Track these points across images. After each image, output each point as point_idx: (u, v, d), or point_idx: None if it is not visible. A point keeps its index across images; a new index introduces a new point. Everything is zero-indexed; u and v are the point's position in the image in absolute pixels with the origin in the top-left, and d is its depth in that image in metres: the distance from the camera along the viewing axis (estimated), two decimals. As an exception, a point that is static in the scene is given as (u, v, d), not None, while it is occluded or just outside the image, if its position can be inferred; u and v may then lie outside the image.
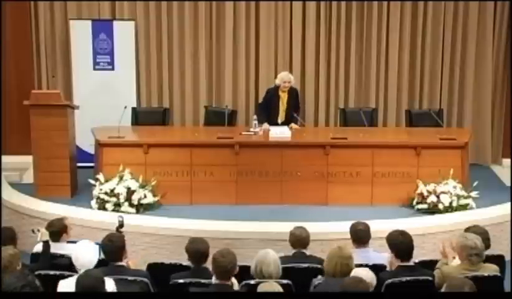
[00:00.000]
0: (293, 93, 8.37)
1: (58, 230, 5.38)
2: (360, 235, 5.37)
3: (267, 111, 8.33)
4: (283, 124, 8.24)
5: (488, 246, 5.14)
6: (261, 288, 4.33)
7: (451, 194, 7.21)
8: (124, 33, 9.00)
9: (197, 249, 4.95)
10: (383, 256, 5.22)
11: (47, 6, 9.17)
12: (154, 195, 7.37)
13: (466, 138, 7.79)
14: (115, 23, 9.05)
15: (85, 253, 4.69)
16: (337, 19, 9.21)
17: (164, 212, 7.28)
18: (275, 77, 8.53)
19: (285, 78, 8.25)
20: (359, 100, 9.35)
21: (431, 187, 7.29)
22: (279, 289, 4.32)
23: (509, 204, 7.22)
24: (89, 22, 8.98)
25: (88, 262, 4.64)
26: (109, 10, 9.20)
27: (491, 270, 4.92)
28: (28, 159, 7.96)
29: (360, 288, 4.12)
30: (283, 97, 8.28)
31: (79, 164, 8.09)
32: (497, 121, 9.48)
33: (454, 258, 5.10)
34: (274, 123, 8.23)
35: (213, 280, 4.51)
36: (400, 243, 4.93)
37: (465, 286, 4.12)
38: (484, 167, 9.21)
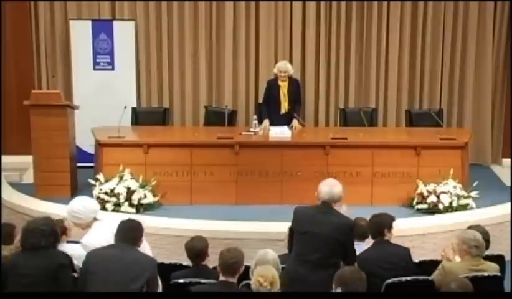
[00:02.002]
0: (293, 84, 8.35)
1: None
2: (360, 231, 5.44)
3: (269, 105, 8.30)
4: (286, 114, 8.22)
5: (486, 247, 5.16)
6: (258, 271, 4.34)
7: (451, 194, 7.21)
8: (124, 33, 9.00)
9: (194, 246, 5.04)
10: None
11: (47, 6, 9.17)
12: (154, 195, 7.37)
13: (466, 138, 7.79)
14: (115, 23, 9.05)
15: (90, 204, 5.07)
16: (337, 19, 9.22)
17: (164, 212, 7.28)
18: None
19: (281, 68, 8.22)
20: (359, 100, 9.35)
21: (431, 187, 7.29)
22: (274, 273, 4.34)
23: (509, 204, 7.22)
24: (89, 22, 8.98)
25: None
26: (109, 10, 9.20)
27: (492, 268, 4.94)
28: (28, 159, 7.96)
29: (358, 280, 4.16)
30: (283, 86, 8.23)
31: (79, 164, 8.10)
32: (497, 121, 9.49)
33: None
34: (277, 114, 8.20)
35: (220, 277, 4.53)
36: (373, 224, 5.17)
37: (452, 282, 4.20)
38: (484, 167, 9.21)
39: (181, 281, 4.80)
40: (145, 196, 7.28)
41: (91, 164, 8.19)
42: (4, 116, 9.00)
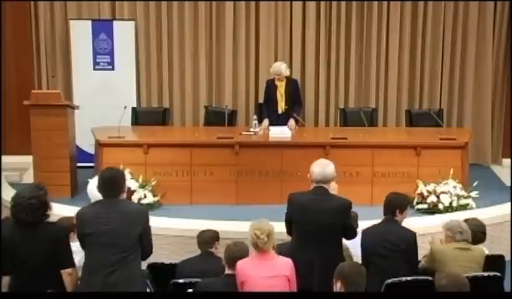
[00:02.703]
0: (292, 84, 8.34)
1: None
2: None
3: (267, 105, 8.33)
4: (283, 114, 8.21)
5: (482, 239, 5.29)
6: (252, 226, 4.44)
7: (451, 194, 7.21)
8: (124, 33, 9.00)
9: (204, 234, 5.33)
10: None
11: (47, 6, 9.18)
12: (154, 195, 7.37)
13: (466, 138, 7.79)
14: (115, 23, 9.05)
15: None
16: (337, 19, 9.22)
17: (164, 212, 7.28)
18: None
19: (274, 71, 8.22)
20: (359, 100, 9.35)
21: (431, 187, 7.29)
22: (271, 226, 4.45)
23: (509, 204, 7.22)
24: (89, 22, 8.98)
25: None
26: (109, 10, 9.20)
27: (478, 250, 5.07)
28: (28, 159, 7.96)
29: (357, 274, 4.21)
30: (280, 86, 8.23)
31: (79, 164, 8.10)
32: (497, 121, 9.49)
33: None
34: (275, 114, 8.21)
35: (226, 270, 4.59)
36: (387, 201, 5.25)
37: (442, 279, 4.26)
38: (484, 167, 9.21)
39: (181, 281, 4.81)
40: (145, 196, 7.28)
41: (91, 164, 8.19)
42: (4, 116, 9.00)
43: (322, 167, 4.99)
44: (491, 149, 9.45)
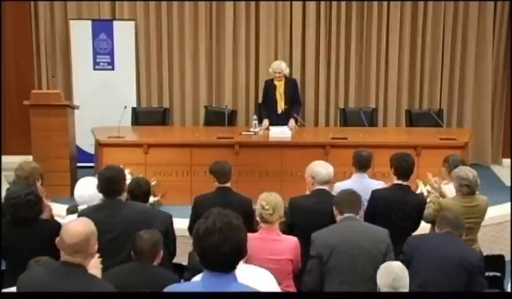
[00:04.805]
0: (291, 84, 8.34)
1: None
2: (361, 160, 5.74)
3: (267, 105, 8.33)
4: (283, 114, 8.22)
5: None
6: (261, 197, 4.46)
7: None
8: (124, 33, 9.01)
9: (223, 165, 5.61)
10: (378, 182, 5.65)
11: (47, 6, 9.18)
12: (154, 195, 7.36)
13: (466, 138, 7.79)
14: (115, 23, 9.06)
15: (87, 188, 4.73)
16: (337, 19, 9.22)
17: (164, 212, 7.27)
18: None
19: (275, 68, 8.22)
20: (359, 100, 9.36)
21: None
22: (278, 200, 4.42)
23: (509, 204, 7.22)
24: (89, 22, 8.99)
25: (89, 197, 4.61)
26: (109, 10, 9.21)
27: (483, 201, 5.13)
28: (28, 159, 7.94)
29: (352, 198, 4.37)
30: (279, 86, 8.24)
31: (79, 164, 8.10)
32: (497, 121, 9.49)
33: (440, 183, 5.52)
34: (274, 114, 8.22)
35: None
36: (405, 163, 5.30)
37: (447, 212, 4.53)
38: (484, 167, 9.20)
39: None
40: (145, 196, 7.27)
41: (91, 164, 8.19)
42: (4, 116, 9.00)
43: (325, 167, 5.06)
44: (491, 149, 9.45)
